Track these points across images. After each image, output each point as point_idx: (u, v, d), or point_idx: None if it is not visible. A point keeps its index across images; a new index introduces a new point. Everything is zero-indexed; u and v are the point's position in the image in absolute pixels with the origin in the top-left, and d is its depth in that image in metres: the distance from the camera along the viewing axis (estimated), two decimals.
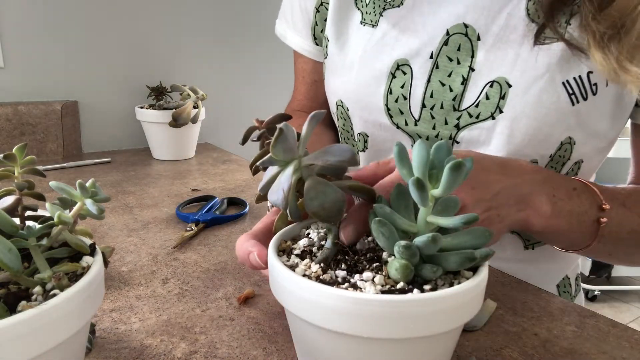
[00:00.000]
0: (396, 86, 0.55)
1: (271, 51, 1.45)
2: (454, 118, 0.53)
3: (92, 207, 0.33)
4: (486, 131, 0.52)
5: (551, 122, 0.49)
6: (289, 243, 0.36)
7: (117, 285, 0.52)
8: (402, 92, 0.55)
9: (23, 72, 1.10)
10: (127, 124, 1.24)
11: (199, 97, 1.14)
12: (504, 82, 0.50)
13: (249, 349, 0.41)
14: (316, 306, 0.28)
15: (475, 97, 0.52)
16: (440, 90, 0.53)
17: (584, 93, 0.49)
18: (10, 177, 0.36)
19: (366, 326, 0.26)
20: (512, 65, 0.49)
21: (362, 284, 0.29)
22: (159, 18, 1.25)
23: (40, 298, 0.28)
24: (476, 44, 0.51)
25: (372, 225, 0.30)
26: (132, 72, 1.23)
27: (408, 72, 0.54)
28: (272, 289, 0.32)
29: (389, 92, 0.55)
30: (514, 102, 0.50)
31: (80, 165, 1.05)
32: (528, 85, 0.49)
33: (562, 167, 0.54)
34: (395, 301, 0.26)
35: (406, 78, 0.54)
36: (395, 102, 0.55)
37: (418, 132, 0.55)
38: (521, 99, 0.49)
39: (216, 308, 0.47)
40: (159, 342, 0.41)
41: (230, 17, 1.37)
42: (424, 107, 0.54)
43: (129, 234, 0.66)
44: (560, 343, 0.42)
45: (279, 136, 0.29)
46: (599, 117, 0.51)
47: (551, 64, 0.48)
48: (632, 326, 0.45)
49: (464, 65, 0.52)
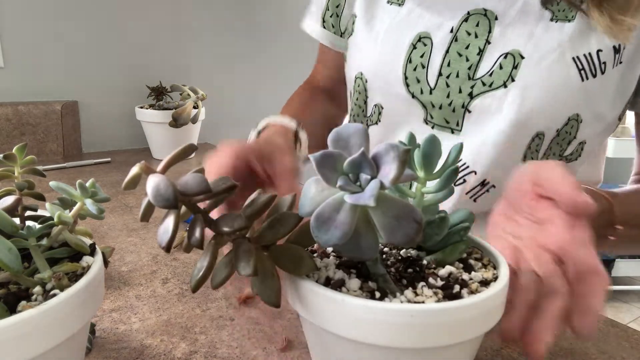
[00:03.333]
0: (416, 56, 0.58)
1: (271, 51, 1.45)
2: (468, 86, 0.56)
3: (92, 207, 0.33)
4: (498, 99, 0.54)
5: (560, 94, 0.53)
6: None
7: (117, 285, 0.52)
8: (421, 61, 0.58)
9: (23, 72, 1.10)
10: (127, 124, 1.24)
11: (199, 97, 1.14)
12: (518, 54, 0.53)
13: (249, 349, 0.41)
14: (345, 318, 0.26)
15: (489, 66, 0.54)
16: (457, 60, 0.56)
17: (593, 70, 0.52)
18: (10, 177, 0.36)
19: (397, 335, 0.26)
20: (526, 41, 0.53)
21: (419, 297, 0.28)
22: (159, 18, 1.25)
23: (40, 298, 0.28)
24: (494, 23, 0.55)
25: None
26: (132, 72, 1.23)
27: (428, 44, 0.58)
28: (292, 302, 0.30)
29: (409, 61, 0.58)
30: (525, 72, 0.53)
31: (80, 165, 1.05)
32: (540, 58, 0.53)
33: (567, 145, 0.56)
34: (449, 308, 0.26)
35: (426, 49, 0.58)
36: (413, 70, 0.58)
37: (432, 101, 0.58)
38: (533, 70, 0.53)
39: (216, 308, 0.47)
40: (159, 342, 0.41)
41: (231, 17, 1.37)
42: (441, 75, 0.57)
43: (129, 234, 0.66)
44: (560, 343, 0.42)
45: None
46: (603, 99, 0.54)
47: (563, 40, 0.52)
48: (632, 326, 0.45)
49: (481, 38, 0.55)
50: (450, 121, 0.57)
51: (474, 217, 0.34)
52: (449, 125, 0.58)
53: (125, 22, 1.20)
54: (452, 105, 0.57)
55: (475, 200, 0.60)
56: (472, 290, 0.28)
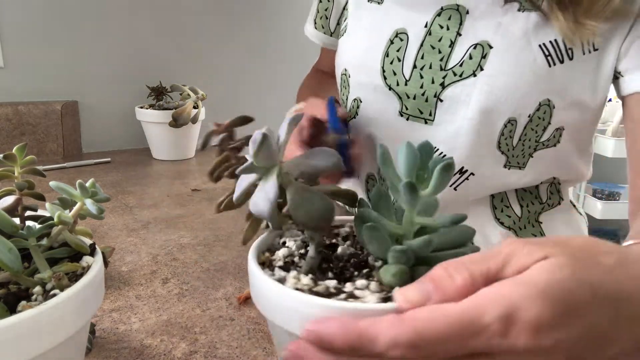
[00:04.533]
0: (392, 50, 0.62)
1: (271, 51, 1.45)
2: (440, 77, 0.59)
3: (92, 207, 0.33)
4: (468, 88, 0.57)
5: (528, 80, 0.55)
6: (267, 255, 0.34)
7: (117, 285, 0.52)
8: (397, 55, 0.61)
9: (23, 72, 1.10)
10: (127, 124, 1.24)
11: (199, 97, 1.14)
12: (486, 45, 0.56)
13: (249, 349, 0.41)
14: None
15: (460, 57, 0.57)
16: (431, 52, 0.59)
17: (560, 56, 0.55)
18: (10, 177, 0.36)
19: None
20: (494, 31, 0.56)
21: (360, 293, 0.28)
22: (159, 18, 1.25)
23: (40, 298, 0.28)
24: (465, 16, 0.58)
25: (363, 231, 0.29)
26: (132, 72, 1.23)
27: (404, 39, 0.61)
28: (259, 305, 0.30)
29: (386, 55, 0.62)
30: (493, 61, 0.56)
31: (80, 165, 1.05)
32: (507, 46, 0.55)
33: (543, 132, 0.58)
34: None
35: (402, 44, 0.62)
36: (390, 64, 0.62)
37: (407, 92, 0.61)
38: (500, 58, 0.55)
39: (216, 308, 0.47)
40: (159, 342, 0.41)
41: (231, 17, 1.37)
42: (415, 67, 0.60)
43: (129, 234, 0.66)
44: None
45: (262, 143, 0.28)
46: (580, 88, 0.56)
47: (528, 29, 0.55)
48: None
49: (452, 31, 0.58)
50: (424, 111, 0.60)
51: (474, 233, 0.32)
52: (422, 115, 0.60)
53: (126, 23, 1.20)
54: (425, 95, 0.60)
55: (456, 189, 0.62)
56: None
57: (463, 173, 0.61)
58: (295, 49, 1.47)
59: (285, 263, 0.33)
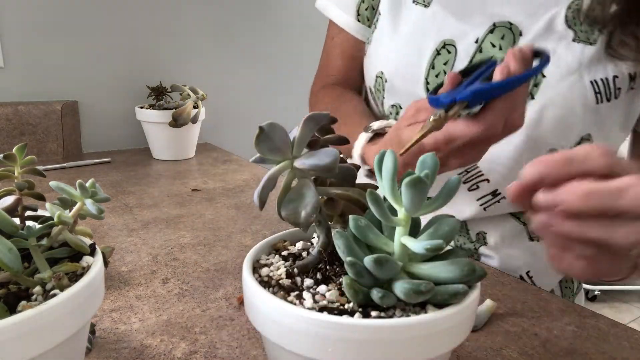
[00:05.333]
0: (439, 62, 0.60)
1: (272, 51, 1.45)
2: None
3: (92, 207, 0.33)
4: None
5: (576, 114, 0.54)
6: (286, 243, 0.35)
7: (117, 285, 0.52)
8: (444, 68, 0.59)
9: (23, 72, 1.09)
10: (127, 124, 1.24)
11: (199, 97, 1.14)
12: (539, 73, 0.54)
13: (249, 349, 0.41)
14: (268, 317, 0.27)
15: None
16: None
17: (608, 95, 0.54)
18: (10, 177, 0.36)
19: (306, 345, 0.25)
20: None
21: (306, 295, 0.28)
22: (159, 18, 1.25)
23: (40, 298, 0.28)
24: (518, 37, 0.56)
25: (333, 235, 0.28)
26: (132, 72, 1.23)
27: (452, 52, 0.59)
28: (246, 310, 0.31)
29: (432, 66, 0.60)
30: (545, 90, 0.55)
31: (80, 165, 1.05)
32: (560, 78, 0.54)
33: None
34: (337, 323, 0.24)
35: (450, 57, 0.59)
36: (435, 77, 0.59)
37: None
38: (552, 89, 0.54)
39: (216, 308, 0.47)
40: (159, 342, 0.41)
41: (231, 17, 1.37)
42: None
43: (129, 234, 0.66)
44: (560, 343, 0.42)
45: (259, 135, 0.29)
46: (613, 124, 0.56)
47: (582, 64, 0.54)
48: (632, 326, 0.45)
49: (504, 51, 0.56)
50: None
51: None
52: None
53: (126, 22, 1.20)
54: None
55: (486, 209, 0.60)
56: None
57: (496, 195, 0.60)
58: (296, 49, 1.47)
59: (290, 254, 0.34)
